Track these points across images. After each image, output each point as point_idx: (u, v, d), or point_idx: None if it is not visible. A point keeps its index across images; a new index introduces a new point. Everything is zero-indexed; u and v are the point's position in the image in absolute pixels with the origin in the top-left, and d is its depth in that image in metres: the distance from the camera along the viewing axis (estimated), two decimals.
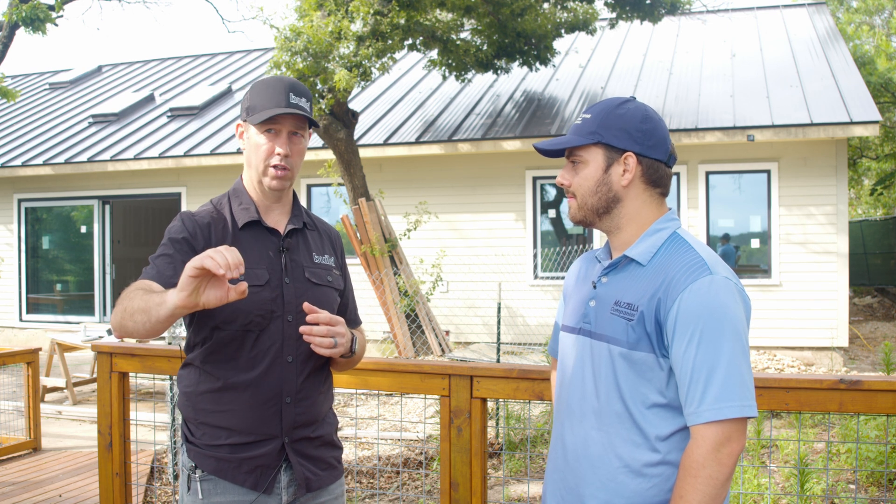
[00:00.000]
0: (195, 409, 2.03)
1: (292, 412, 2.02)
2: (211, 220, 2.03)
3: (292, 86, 2.02)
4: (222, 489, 2.00)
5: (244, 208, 2.06)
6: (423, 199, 10.69)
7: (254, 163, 2.04)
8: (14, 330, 13.73)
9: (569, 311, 1.91)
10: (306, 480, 2.05)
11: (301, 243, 2.11)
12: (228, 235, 2.02)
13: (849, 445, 5.40)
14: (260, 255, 2.02)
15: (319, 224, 2.23)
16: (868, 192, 22.37)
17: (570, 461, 1.80)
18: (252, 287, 1.96)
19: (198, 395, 2.02)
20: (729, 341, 1.61)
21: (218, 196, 2.13)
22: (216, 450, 2.00)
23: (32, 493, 5.08)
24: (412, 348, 9.32)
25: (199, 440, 2.02)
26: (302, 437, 2.05)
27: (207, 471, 2.00)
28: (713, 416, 1.59)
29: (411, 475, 5.47)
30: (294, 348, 2.02)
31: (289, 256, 2.06)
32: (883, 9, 19.84)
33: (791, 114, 9.89)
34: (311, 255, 2.12)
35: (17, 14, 10.20)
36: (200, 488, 2.01)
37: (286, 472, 2.03)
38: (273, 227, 2.07)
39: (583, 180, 1.79)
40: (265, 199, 2.08)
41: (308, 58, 8.83)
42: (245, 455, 1.99)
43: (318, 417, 2.10)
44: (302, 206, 2.20)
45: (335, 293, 2.15)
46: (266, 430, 1.99)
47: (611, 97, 1.86)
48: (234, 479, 1.99)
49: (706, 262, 1.68)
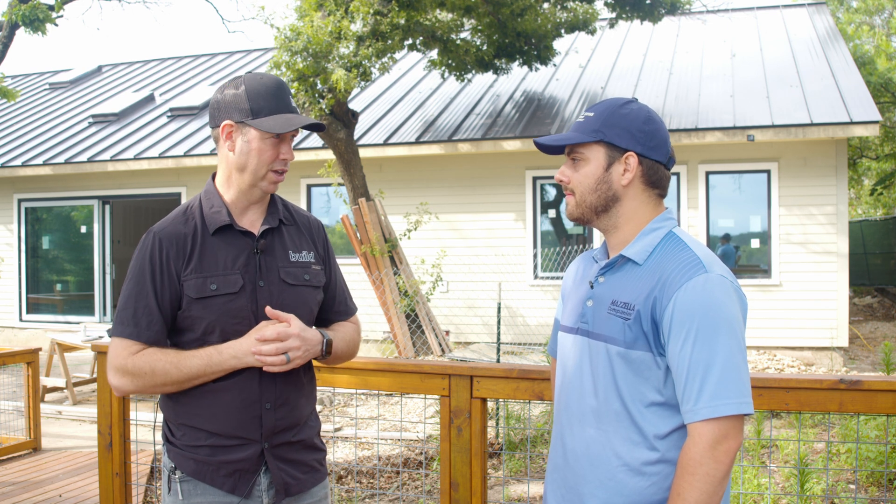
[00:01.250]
0: (175, 411, 2.01)
1: (272, 417, 1.99)
2: (181, 232, 1.98)
3: (284, 87, 2.01)
4: (202, 491, 1.98)
5: (215, 212, 2.00)
6: (423, 200, 10.69)
7: (251, 166, 1.98)
8: (14, 330, 13.73)
9: (567, 311, 1.91)
10: (285, 485, 2.02)
11: (276, 242, 2.06)
12: (197, 244, 1.97)
13: (849, 445, 5.40)
14: (233, 259, 1.98)
15: (299, 217, 2.16)
16: (868, 192, 22.38)
17: (570, 460, 1.81)
18: (226, 295, 1.94)
19: (178, 396, 2.00)
20: (725, 339, 1.62)
21: (190, 199, 2.08)
22: (195, 451, 1.98)
23: (32, 493, 5.08)
24: (412, 348, 9.32)
25: (179, 441, 2.01)
26: (282, 442, 2.02)
27: (187, 472, 1.99)
28: (710, 413, 1.60)
29: (411, 475, 5.47)
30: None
31: (263, 258, 2.02)
32: (883, 9, 19.84)
33: (791, 114, 9.89)
34: (287, 253, 2.06)
35: (17, 14, 10.21)
36: (180, 489, 2.00)
37: (266, 475, 2.01)
38: (246, 229, 2.02)
39: (583, 177, 1.80)
40: (245, 199, 2.02)
41: (308, 58, 8.83)
42: (224, 458, 1.97)
43: (300, 421, 2.07)
44: (280, 201, 2.14)
45: (315, 291, 2.09)
46: (245, 434, 1.97)
47: (614, 97, 1.86)
48: (213, 481, 1.97)
49: (701, 261, 1.68)
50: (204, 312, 1.93)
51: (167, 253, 1.95)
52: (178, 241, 1.97)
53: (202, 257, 1.97)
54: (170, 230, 1.98)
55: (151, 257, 1.96)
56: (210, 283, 1.95)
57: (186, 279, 1.95)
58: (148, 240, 1.99)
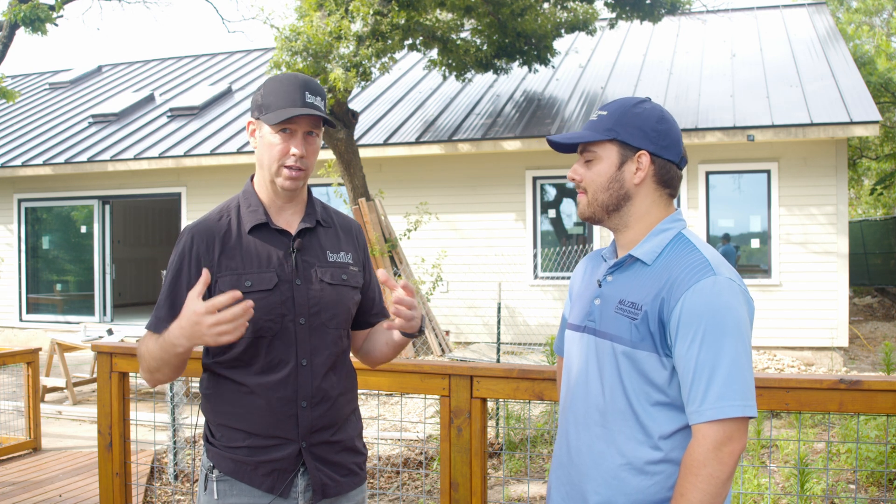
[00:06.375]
0: (214, 412, 2.02)
1: (309, 416, 1.98)
2: (215, 229, 2.00)
3: (307, 84, 1.98)
4: (238, 491, 1.98)
5: (252, 210, 2.02)
6: (423, 200, 10.69)
7: (266, 162, 1.99)
8: (14, 330, 13.73)
9: (575, 309, 1.91)
10: (323, 486, 2.01)
11: (314, 242, 2.05)
12: (231, 241, 1.99)
13: (849, 445, 5.40)
14: (268, 258, 1.99)
15: (338, 220, 2.16)
16: (868, 192, 22.39)
17: (574, 458, 1.81)
18: (260, 292, 1.94)
19: (216, 397, 2.01)
20: (731, 341, 1.62)
21: (229, 199, 2.10)
22: (234, 451, 1.98)
23: (32, 493, 5.08)
24: (412, 348, 9.33)
25: (218, 441, 2.01)
26: (320, 442, 2.01)
27: (224, 472, 1.99)
28: (715, 415, 1.60)
29: (411, 475, 5.47)
30: (308, 351, 1.99)
31: (300, 257, 2.01)
32: (883, 9, 19.84)
33: (791, 114, 9.89)
34: (325, 253, 2.05)
35: (17, 14, 10.21)
36: (216, 489, 2.00)
37: (303, 476, 2.00)
38: (283, 228, 2.02)
39: (595, 176, 1.80)
40: (277, 199, 2.03)
41: (308, 58, 8.83)
42: (262, 458, 1.97)
43: (338, 421, 2.05)
44: (319, 203, 2.14)
45: (352, 291, 2.09)
46: (282, 433, 1.97)
47: (627, 97, 1.87)
48: (251, 481, 1.97)
49: (710, 263, 1.69)
50: None
51: (198, 249, 1.97)
52: (210, 237, 1.99)
53: (237, 255, 1.98)
54: (203, 227, 2.01)
55: (182, 254, 1.99)
56: (245, 280, 1.95)
57: (221, 276, 1.95)
58: (182, 237, 2.01)
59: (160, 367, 1.92)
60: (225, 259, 1.97)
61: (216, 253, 1.97)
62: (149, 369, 1.95)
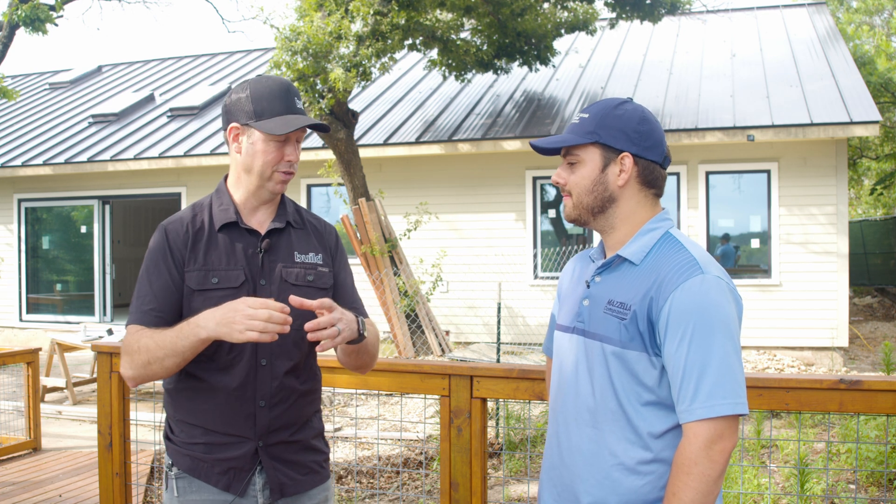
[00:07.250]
0: (175, 408, 2.03)
1: (267, 416, 1.99)
2: (188, 227, 2.03)
3: (292, 89, 2.02)
4: (196, 488, 1.99)
5: (223, 209, 2.04)
6: (423, 200, 10.69)
7: (257, 168, 2.00)
8: (14, 330, 13.73)
9: (563, 310, 1.92)
10: (280, 485, 2.02)
11: (282, 242, 2.07)
12: (203, 238, 2.01)
13: (849, 445, 5.40)
14: (236, 256, 2.01)
15: (310, 221, 2.17)
16: (868, 192, 22.39)
17: (566, 458, 1.81)
18: (227, 289, 1.96)
19: (177, 393, 2.02)
20: (720, 339, 1.63)
21: (202, 198, 2.12)
22: (191, 448, 1.99)
23: (32, 493, 5.08)
24: (412, 348, 9.32)
25: (177, 437, 2.03)
26: (278, 441, 2.02)
27: (182, 469, 2.00)
28: (705, 413, 1.60)
29: (411, 475, 5.47)
30: (268, 351, 1.99)
31: (267, 257, 2.03)
32: (883, 9, 19.84)
33: (791, 114, 9.89)
34: (293, 254, 2.06)
35: (17, 14, 10.21)
36: (176, 486, 2.01)
37: (261, 474, 2.00)
38: (253, 228, 2.04)
39: (579, 179, 1.80)
40: (254, 199, 2.05)
41: (308, 58, 8.83)
42: (218, 456, 1.98)
43: (298, 421, 2.06)
44: (291, 204, 2.16)
45: (318, 293, 2.07)
46: (239, 432, 1.97)
47: (609, 98, 1.87)
48: (208, 479, 1.98)
49: (697, 262, 1.69)
50: (204, 305, 1.93)
51: (173, 243, 2.00)
52: (184, 233, 2.02)
53: (207, 252, 2.00)
54: (176, 224, 2.04)
55: (159, 247, 2.01)
56: (212, 277, 1.98)
57: (189, 271, 1.98)
58: (157, 232, 2.05)
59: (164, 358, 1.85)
60: (195, 255, 1.99)
61: (188, 249, 2.00)
62: (145, 363, 1.88)
